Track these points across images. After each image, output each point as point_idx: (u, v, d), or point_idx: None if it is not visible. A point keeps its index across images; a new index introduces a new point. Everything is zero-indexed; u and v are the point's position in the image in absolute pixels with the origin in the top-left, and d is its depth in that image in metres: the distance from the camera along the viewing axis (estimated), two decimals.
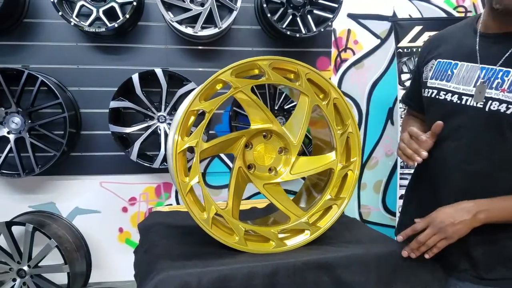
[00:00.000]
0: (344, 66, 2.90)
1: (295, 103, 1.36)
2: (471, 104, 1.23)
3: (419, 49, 1.54)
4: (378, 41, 2.91)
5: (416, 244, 1.19)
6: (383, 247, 1.24)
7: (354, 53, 2.90)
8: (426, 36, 2.61)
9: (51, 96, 2.47)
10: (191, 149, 1.17)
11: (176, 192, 2.84)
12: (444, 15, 2.94)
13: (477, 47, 1.27)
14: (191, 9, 2.49)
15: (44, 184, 2.74)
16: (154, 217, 1.60)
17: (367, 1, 2.85)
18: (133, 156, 2.55)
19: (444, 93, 1.31)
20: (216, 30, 2.46)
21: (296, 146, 1.27)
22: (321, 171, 1.31)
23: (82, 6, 2.48)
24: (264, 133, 1.28)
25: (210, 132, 2.70)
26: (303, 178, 1.41)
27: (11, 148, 2.48)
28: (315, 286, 1.14)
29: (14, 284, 2.46)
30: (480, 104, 1.21)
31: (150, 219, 1.57)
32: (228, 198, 1.22)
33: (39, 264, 2.46)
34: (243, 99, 1.20)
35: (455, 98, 1.27)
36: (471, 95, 1.23)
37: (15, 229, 2.47)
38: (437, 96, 1.33)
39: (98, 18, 2.48)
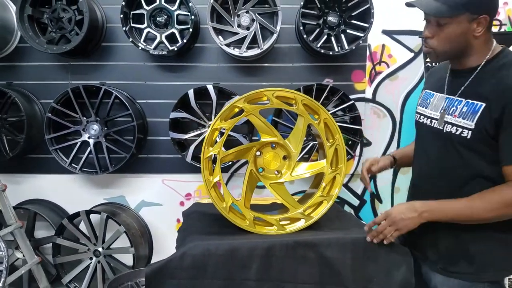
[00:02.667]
0: (379, 78, 3.31)
1: None
2: (436, 126, 1.64)
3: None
4: (412, 54, 3.28)
5: (376, 232, 1.61)
6: (359, 233, 1.69)
7: (388, 66, 3.31)
8: None
9: (123, 107, 3.15)
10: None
11: None
12: None
13: (446, 81, 1.67)
14: (238, 33, 3.05)
15: (116, 181, 3.45)
16: (195, 207, 2.17)
17: (401, 18, 3.24)
18: (188, 158, 3.16)
19: (423, 117, 1.74)
20: (258, 51, 3.00)
21: (295, 154, 1.76)
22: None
23: (148, 32, 3.14)
24: (272, 144, 1.78)
25: (253, 138, 3.23)
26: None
27: (90, 150, 3.21)
28: (302, 259, 1.62)
29: (91, 262, 3.18)
30: (441, 127, 1.62)
31: (192, 208, 2.14)
32: (242, 192, 1.74)
33: (110, 246, 3.16)
34: (253, 120, 1.72)
35: (428, 121, 1.70)
36: (437, 119, 1.65)
37: (92, 217, 3.20)
38: (419, 120, 1.76)
39: (161, 42, 3.12)
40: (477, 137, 1.47)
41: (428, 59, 3.05)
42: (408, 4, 1.53)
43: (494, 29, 3.25)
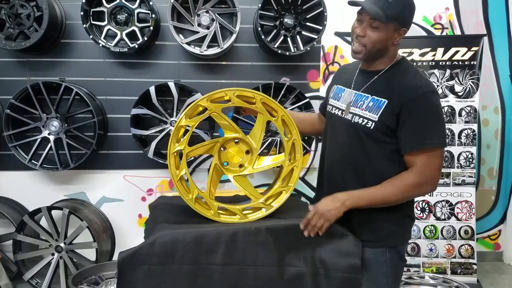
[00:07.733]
0: (331, 77, 3.54)
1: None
2: (344, 116, 1.90)
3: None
4: None
5: (310, 227, 1.82)
6: None
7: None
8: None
9: (83, 104, 3.24)
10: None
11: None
12: (423, 32, 3.56)
13: (354, 78, 1.93)
14: (198, 32, 3.19)
15: (77, 177, 3.53)
16: (161, 199, 2.30)
17: (353, 20, 3.46)
18: (150, 154, 3.28)
19: (335, 109, 1.99)
20: (219, 50, 3.16)
21: (256, 149, 1.93)
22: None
23: (109, 29, 3.23)
24: (236, 139, 1.94)
25: (215, 134, 3.38)
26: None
27: (50, 146, 3.26)
28: (262, 243, 1.80)
29: (53, 258, 3.25)
30: (349, 117, 1.87)
31: (158, 201, 2.27)
32: (207, 185, 1.90)
33: (73, 242, 3.23)
34: (216, 118, 1.88)
35: (339, 113, 1.95)
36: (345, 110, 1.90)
37: (54, 213, 3.26)
38: (331, 111, 2.01)
39: (121, 39, 3.22)
40: (378, 129, 1.76)
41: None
42: (351, 3, 1.79)
43: (437, 32, 3.56)
